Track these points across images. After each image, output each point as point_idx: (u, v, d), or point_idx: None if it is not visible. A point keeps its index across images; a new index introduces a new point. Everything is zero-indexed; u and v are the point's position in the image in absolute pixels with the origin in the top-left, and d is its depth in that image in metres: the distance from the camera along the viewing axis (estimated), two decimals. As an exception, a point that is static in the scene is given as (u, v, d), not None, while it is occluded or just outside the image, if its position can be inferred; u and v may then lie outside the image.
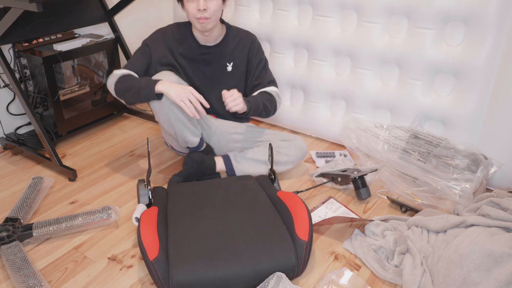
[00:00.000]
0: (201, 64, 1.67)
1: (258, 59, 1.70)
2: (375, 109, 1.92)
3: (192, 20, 1.57)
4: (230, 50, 1.67)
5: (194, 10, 1.52)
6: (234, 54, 1.68)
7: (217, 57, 1.66)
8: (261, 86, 1.69)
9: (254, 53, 1.70)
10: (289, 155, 1.69)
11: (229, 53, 1.67)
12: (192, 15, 1.54)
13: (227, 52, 1.67)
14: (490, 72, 1.60)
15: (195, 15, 1.53)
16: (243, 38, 1.69)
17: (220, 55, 1.67)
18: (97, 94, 2.19)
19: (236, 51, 1.68)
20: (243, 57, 1.69)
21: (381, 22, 1.79)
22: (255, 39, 1.72)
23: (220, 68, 1.68)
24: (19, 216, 1.47)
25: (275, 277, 1.18)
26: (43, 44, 1.94)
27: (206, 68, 1.67)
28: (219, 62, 1.67)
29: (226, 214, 1.37)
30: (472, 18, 1.59)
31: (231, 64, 1.68)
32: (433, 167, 1.67)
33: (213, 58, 1.66)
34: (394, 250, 1.32)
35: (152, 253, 1.19)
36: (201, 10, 1.51)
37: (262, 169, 1.67)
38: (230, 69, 1.68)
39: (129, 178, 1.78)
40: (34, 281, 1.21)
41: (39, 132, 1.78)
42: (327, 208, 1.59)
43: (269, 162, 1.67)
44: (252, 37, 1.72)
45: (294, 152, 1.70)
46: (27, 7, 1.41)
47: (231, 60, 1.68)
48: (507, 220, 1.26)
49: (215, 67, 1.67)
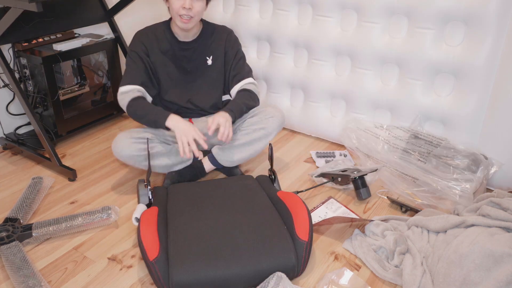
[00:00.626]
0: (182, 60, 1.68)
1: (235, 50, 1.72)
2: (375, 109, 1.92)
3: (174, 16, 1.57)
4: (208, 44, 1.70)
5: (178, 7, 1.53)
6: (212, 48, 1.70)
7: (196, 51, 1.68)
8: (239, 76, 1.71)
9: (231, 45, 1.72)
10: (265, 127, 1.64)
11: (208, 47, 1.70)
12: (176, 11, 1.54)
13: (205, 46, 1.69)
14: (490, 72, 1.60)
15: (179, 12, 1.54)
16: (220, 32, 1.72)
17: (199, 50, 1.69)
18: (97, 94, 2.19)
19: (214, 44, 1.70)
20: (221, 49, 1.71)
21: (381, 22, 1.79)
22: (231, 32, 1.74)
23: (201, 63, 1.70)
24: (19, 216, 1.47)
25: (275, 277, 1.18)
26: (43, 44, 1.94)
27: (187, 64, 1.69)
28: (198, 57, 1.69)
29: (226, 214, 1.37)
30: (472, 18, 1.59)
31: (210, 58, 1.70)
32: (433, 167, 1.67)
33: (192, 54, 1.68)
34: (394, 250, 1.32)
35: (152, 253, 1.19)
36: (186, 8, 1.51)
37: (247, 152, 1.65)
38: (210, 62, 1.70)
39: (129, 178, 1.78)
40: (34, 281, 1.21)
41: (39, 132, 1.78)
42: (327, 208, 1.59)
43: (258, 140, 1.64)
44: (228, 30, 1.73)
45: (267, 123, 1.64)
46: (27, 7, 1.41)
47: (210, 53, 1.70)
48: (507, 220, 1.26)
49: (195, 62, 1.69)
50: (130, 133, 1.60)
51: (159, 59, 1.66)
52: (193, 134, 1.50)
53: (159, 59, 1.66)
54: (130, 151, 1.55)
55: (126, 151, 1.55)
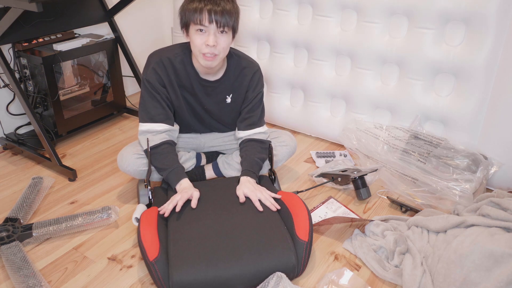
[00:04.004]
0: (200, 96, 1.56)
1: (256, 92, 1.59)
2: (375, 109, 1.92)
3: (197, 53, 1.41)
4: (231, 83, 1.56)
5: (201, 44, 1.37)
6: (234, 86, 1.57)
7: (216, 90, 1.56)
8: (250, 121, 1.60)
9: (253, 86, 1.58)
10: (276, 154, 1.66)
11: (230, 86, 1.57)
12: (198, 48, 1.38)
13: (227, 86, 1.57)
14: (490, 72, 1.60)
15: (202, 50, 1.38)
16: (245, 70, 1.56)
17: (220, 89, 1.57)
18: (97, 94, 2.19)
19: (237, 83, 1.56)
20: (243, 88, 1.58)
21: (381, 22, 1.79)
22: (257, 71, 1.59)
23: (219, 101, 1.59)
24: (19, 216, 1.47)
25: (275, 277, 1.18)
26: (43, 44, 1.94)
27: (205, 100, 1.57)
28: (218, 95, 1.58)
29: (226, 214, 1.37)
30: (472, 18, 1.59)
31: (230, 96, 1.58)
32: (433, 167, 1.67)
33: (212, 91, 1.56)
34: (394, 250, 1.32)
35: (152, 253, 1.19)
36: (210, 46, 1.36)
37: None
38: (229, 101, 1.59)
39: (129, 178, 1.78)
40: (34, 281, 1.21)
41: (39, 132, 1.78)
42: (327, 208, 1.59)
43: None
44: (254, 69, 1.58)
45: (280, 150, 1.66)
46: (27, 7, 1.41)
47: (230, 92, 1.58)
48: (507, 220, 1.26)
49: (214, 100, 1.58)
50: (134, 147, 1.56)
51: (175, 92, 1.53)
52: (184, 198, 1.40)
53: (175, 92, 1.53)
54: (136, 166, 1.53)
55: (132, 166, 1.53)
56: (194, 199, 1.41)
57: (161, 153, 1.49)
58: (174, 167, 1.47)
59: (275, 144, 1.66)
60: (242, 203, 1.42)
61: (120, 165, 1.55)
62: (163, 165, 1.48)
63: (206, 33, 1.36)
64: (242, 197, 1.42)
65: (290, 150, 1.69)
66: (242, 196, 1.42)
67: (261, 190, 1.44)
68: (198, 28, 1.36)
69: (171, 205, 1.37)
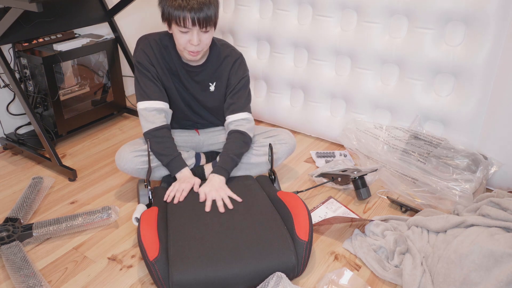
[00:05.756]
0: (184, 80, 1.59)
1: (238, 77, 1.61)
2: (375, 109, 1.92)
3: (181, 49, 1.46)
4: (213, 70, 1.59)
5: (185, 43, 1.42)
6: (217, 75, 1.60)
7: (199, 75, 1.59)
8: (234, 106, 1.61)
9: (235, 72, 1.61)
10: (276, 152, 1.66)
11: (212, 73, 1.60)
12: (182, 46, 1.43)
13: (210, 72, 1.59)
14: (490, 72, 1.60)
15: (186, 47, 1.43)
16: (227, 58, 1.59)
17: (203, 76, 1.59)
18: (97, 94, 2.19)
19: (219, 71, 1.59)
20: (225, 76, 1.61)
21: (381, 22, 1.79)
22: (238, 58, 1.61)
23: (203, 88, 1.62)
24: (19, 216, 1.47)
25: (275, 277, 1.18)
26: (43, 44, 1.94)
27: (189, 84, 1.60)
28: (201, 82, 1.60)
29: (226, 214, 1.37)
30: (472, 18, 1.59)
31: (213, 84, 1.61)
32: (433, 167, 1.67)
33: (195, 76, 1.59)
34: (394, 250, 1.32)
35: (152, 253, 1.19)
36: (194, 45, 1.41)
37: (253, 170, 1.65)
38: (212, 89, 1.61)
39: (129, 178, 1.78)
40: (34, 281, 1.21)
41: (39, 132, 1.78)
42: (327, 208, 1.59)
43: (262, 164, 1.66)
44: (236, 57, 1.61)
45: (279, 148, 1.67)
46: (27, 7, 1.41)
47: (213, 80, 1.60)
48: (507, 220, 1.26)
49: (198, 86, 1.61)
50: (132, 145, 1.57)
51: (164, 73, 1.57)
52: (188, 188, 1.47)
53: (164, 73, 1.57)
54: (133, 164, 1.54)
55: (130, 165, 1.54)
56: (196, 185, 1.49)
57: (162, 136, 1.52)
58: (175, 155, 1.52)
59: (274, 142, 1.67)
60: (242, 203, 1.42)
61: (118, 163, 1.56)
62: (163, 151, 1.52)
63: (189, 33, 1.41)
64: (202, 196, 1.45)
65: (289, 148, 1.69)
66: (203, 195, 1.45)
67: (219, 190, 1.46)
68: (181, 30, 1.41)
69: (174, 193, 1.45)
